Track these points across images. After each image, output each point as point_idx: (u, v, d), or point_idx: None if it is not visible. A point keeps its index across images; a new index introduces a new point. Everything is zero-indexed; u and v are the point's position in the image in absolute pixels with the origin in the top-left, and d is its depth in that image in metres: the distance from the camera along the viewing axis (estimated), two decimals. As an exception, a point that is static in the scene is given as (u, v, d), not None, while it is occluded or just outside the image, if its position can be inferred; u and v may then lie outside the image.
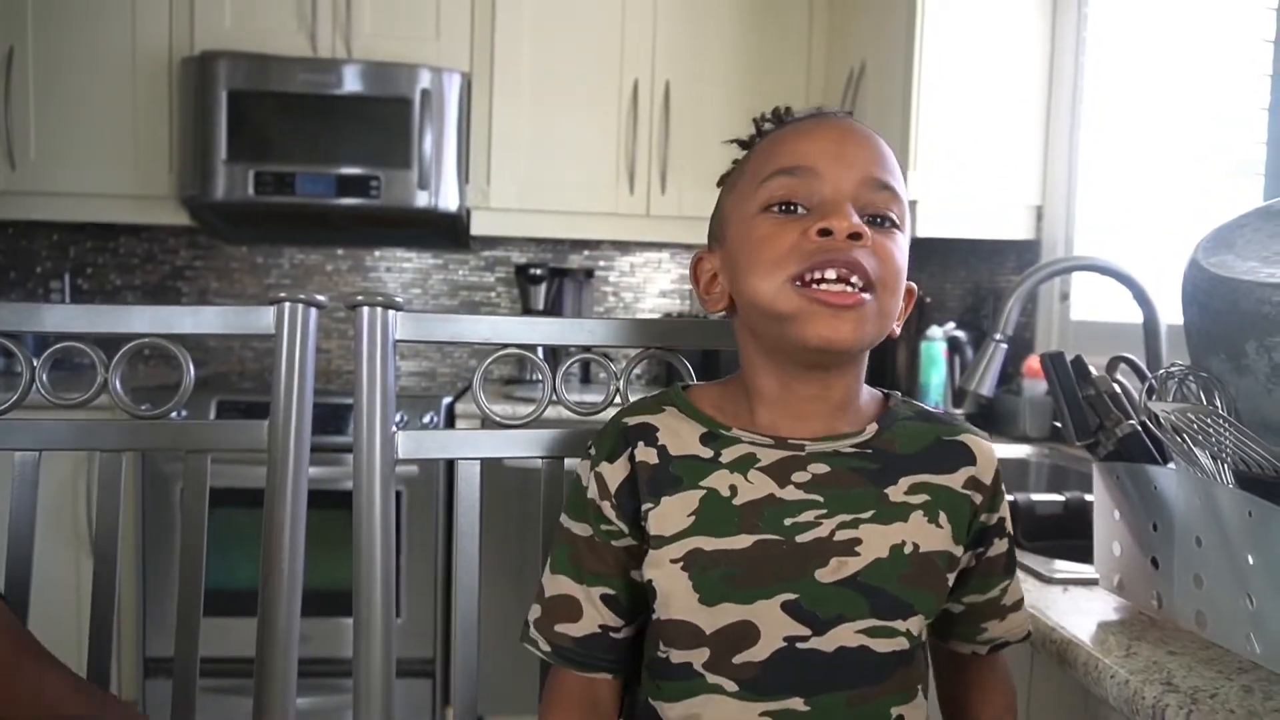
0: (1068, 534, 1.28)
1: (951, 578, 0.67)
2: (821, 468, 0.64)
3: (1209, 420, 0.69)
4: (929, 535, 0.65)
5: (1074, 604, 0.82)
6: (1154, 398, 0.77)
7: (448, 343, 0.78)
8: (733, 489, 0.64)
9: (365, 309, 0.77)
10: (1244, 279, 0.68)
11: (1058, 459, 1.62)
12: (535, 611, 0.69)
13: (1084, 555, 0.91)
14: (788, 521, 0.63)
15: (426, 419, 2.08)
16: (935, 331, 1.86)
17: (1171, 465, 0.77)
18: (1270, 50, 1.34)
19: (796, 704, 0.62)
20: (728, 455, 0.65)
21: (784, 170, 0.62)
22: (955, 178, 1.86)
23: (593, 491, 0.67)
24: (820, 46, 2.41)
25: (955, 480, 0.67)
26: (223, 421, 0.80)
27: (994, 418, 1.83)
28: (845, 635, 0.62)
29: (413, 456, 0.79)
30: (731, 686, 0.62)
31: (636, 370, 0.86)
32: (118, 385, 0.77)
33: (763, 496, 0.63)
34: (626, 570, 0.67)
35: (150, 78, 2.26)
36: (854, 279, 0.60)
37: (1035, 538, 1.27)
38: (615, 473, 0.66)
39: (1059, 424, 1.67)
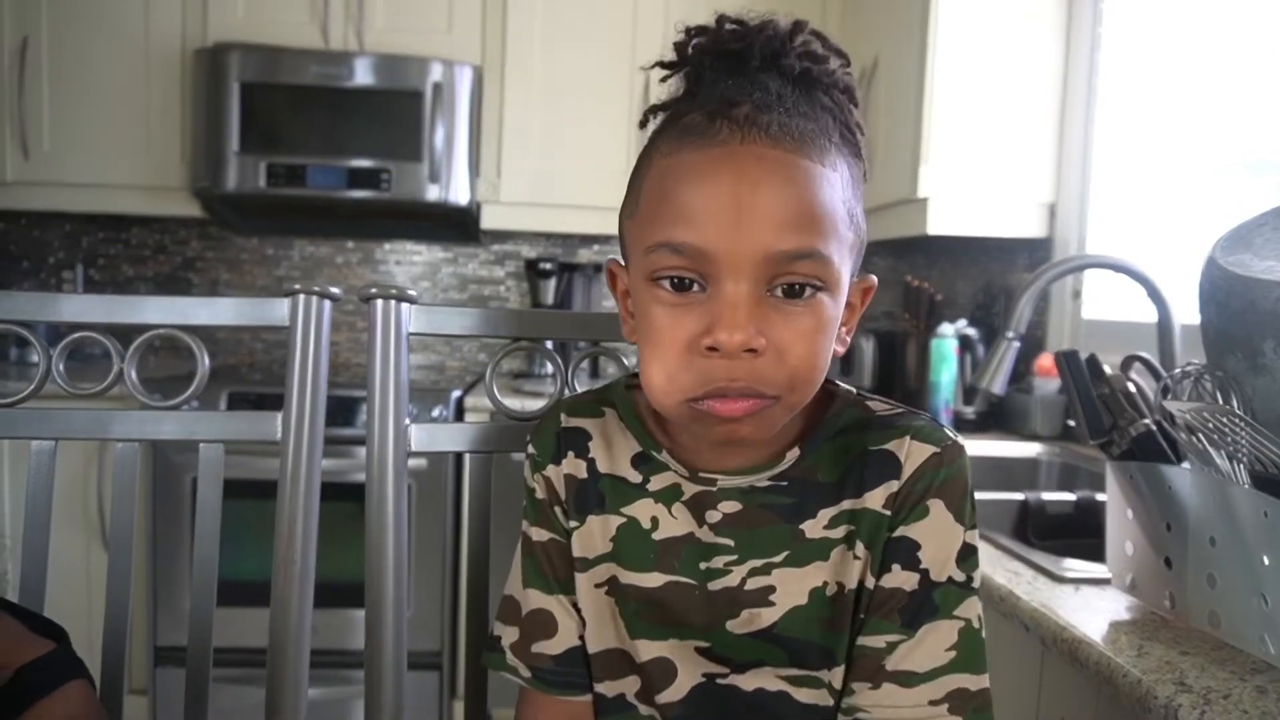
0: (1078, 533, 1.28)
1: None
2: (732, 506, 0.58)
3: (1225, 419, 0.69)
4: (852, 572, 0.57)
5: (1085, 603, 0.82)
6: (1169, 397, 0.77)
7: (461, 335, 0.77)
8: (654, 521, 0.59)
9: (379, 301, 0.77)
10: (1263, 278, 0.67)
11: (1069, 458, 1.61)
12: (511, 634, 0.63)
13: (1094, 554, 0.91)
14: (702, 566, 0.58)
15: (436, 412, 2.08)
16: (946, 329, 1.85)
17: (1186, 465, 0.77)
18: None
19: None
20: (656, 483, 0.60)
21: (668, 246, 0.51)
22: (968, 174, 1.85)
23: (542, 494, 0.63)
24: (832, 40, 2.39)
25: (875, 499, 0.57)
26: (237, 413, 0.80)
27: (1005, 416, 1.82)
28: (765, 678, 0.58)
29: (425, 449, 0.79)
30: None
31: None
32: (133, 375, 0.78)
33: (683, 535, 0.59)
34: None
35: (163, 69, 2.26)
36: (752, 390, 0.51)
37: (1046, 536, 1.26)
38: (559, 475, 0.62)
39: (1071, 423, 1.67)
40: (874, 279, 0.60)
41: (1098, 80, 1.80)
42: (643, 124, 0.58)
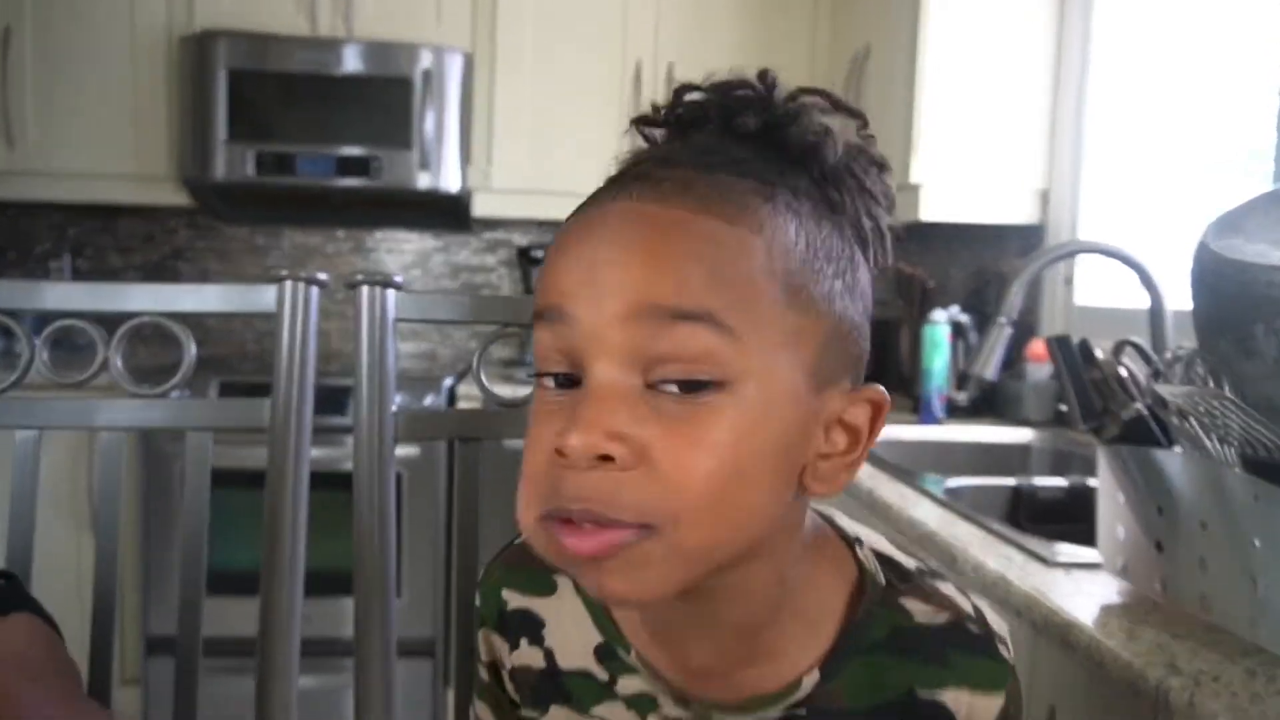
0: (1070, 518, 1.28)
1: None
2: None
3: (1216, 403, 0.69)
4: None
5: (1076, 587, 0.82)
6: (1160, 381, 0.77)
7: (448, 321, 0.76)
8: None
9: (365, 288, 0.76)
10: (1254, 262, 0.67)
11: (1060, 443, 1.61)
12: None
13: (1085, 539, 0.91)
14: None
15: (428, 400, 2.08)
16: (939, 315, 1.85)
17: (1177, 449, 0.77)
18: (1280, 32, 1.32)
19: None
20: (625, 687, 0.47)
21: (538, 314, 0.41)
22: (960, 161, 1.84)
23: (482, 652, 0.53)
24: (825, 28, 2.38)
25: None
26: (225, 400, 0.80)
27: (997, 402, 1.83)
28: None
29: (413, 437, 0.79)
30: None
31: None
32: (119, 363, 0.77)
33: None
34: None
35: (149, 56, 2.24)
36: (603, 515, 0.38)
37: (1037, 521, 1.27)
38: (506, 658, 0.52)
39: (1063, 407, 1.68)
40: (882, 391, 0.45)
41: (1090, 66, 1.80)
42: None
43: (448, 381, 2.16)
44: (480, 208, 2.38)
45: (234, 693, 1.91)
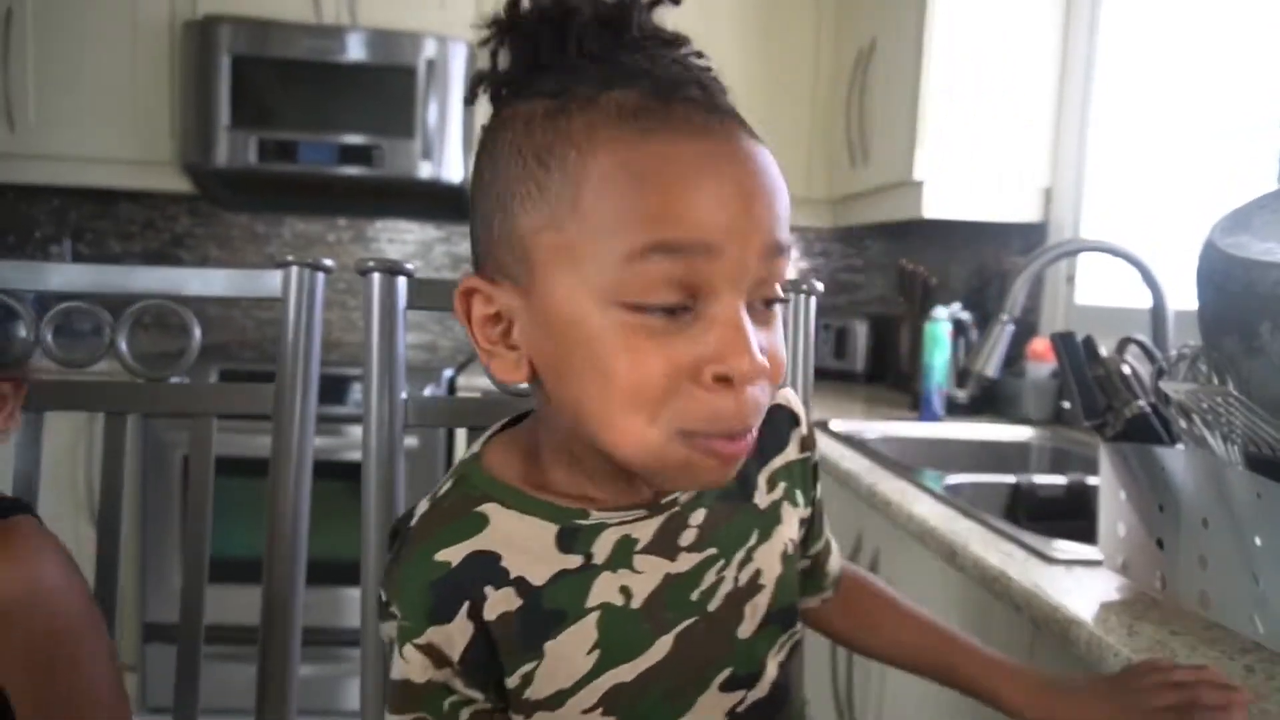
0: (1069, 515, 1.28)
1: None
2: (699, 514, 0.52)
3: (1220, 400, 0.69)
4: (794, 520, 0.58)
5: (1076, 583, 0.82)
6: (1164, 378, 0.77)
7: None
8: (625, 591, 0.49)
9: (376, 275, 0.76)
10: (1261, 260, 0.67)
11: (1060, 442, 1.62)
12: None
13: (1084, 536, 0.91)
14: (694, 596, 0.51)
15: (428, 391, 2.07)
16: (940, 312, 1.85)
17: (1180, 446, 0.77)
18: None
19: None
20: (600, 551, 0.49)
21: (664, 248, 0.41)
22: (964, 158, 1.84)
23: (412, 671, 0.47)
24: (829, 23, 2.38)
25: (793, 449, 0.59)
26: (229, 385, 0.80)
27: (997, 400, 1.83)
28: (771, 670, 0.56)
29: (421, 424, 0.79)
30: None
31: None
32: (123, 346, 0.77)
33: (659, 582, 0.50)
34: None
35: (151, 40, 2.23)
36: (756, 422, 0.46)
37: (1036, 518, 1.27)
38: (452, 637, 0.47)
39: (1066, 404, 1.68)
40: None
41: (1095, 63, 1.79)
42: (471, 99, 0.49)
43: (448, 373, 2.16)
44: (482, 198, 2.37)
45: (234, 679, 1.91)
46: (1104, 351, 0.86)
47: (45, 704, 0.61)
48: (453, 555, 0.48)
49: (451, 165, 2.24)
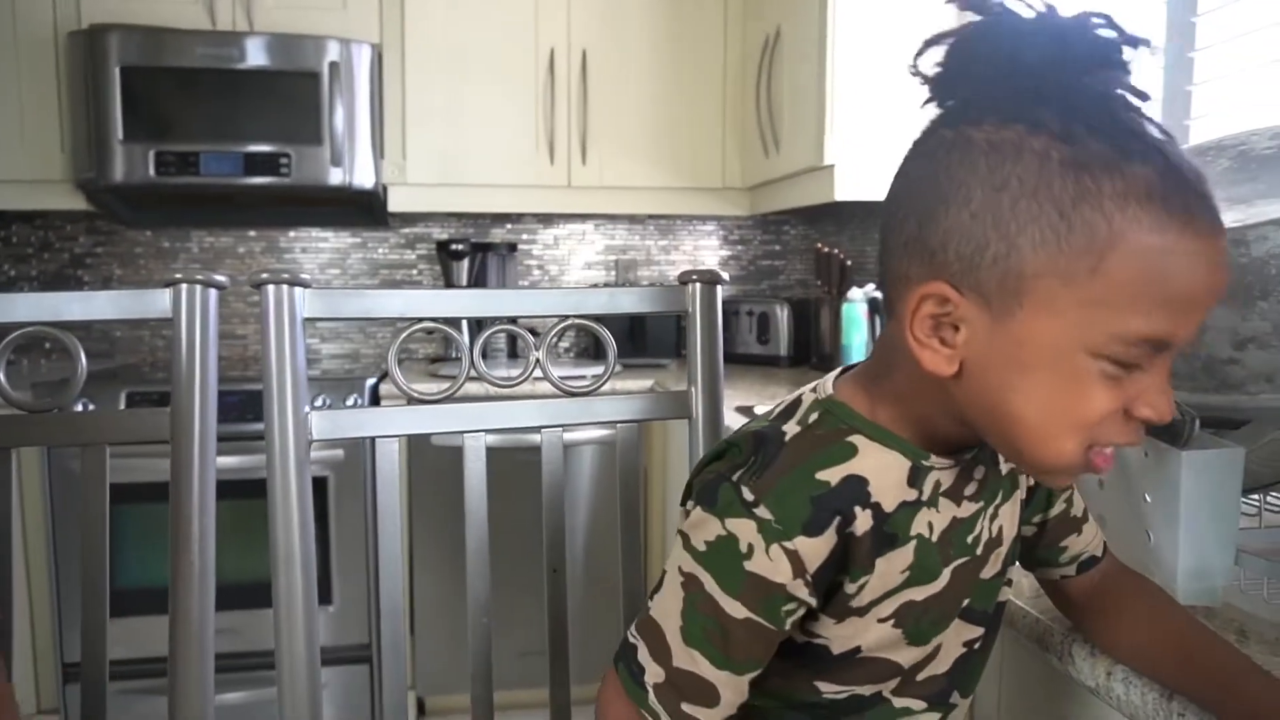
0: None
1: None
2: (980, 470, 0.60)
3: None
4: (1023, 487, 0.65)
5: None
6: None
7: (358, 319, 0.75)
8: (930, 526, 0.58)
9: (270, 287, 0.74)
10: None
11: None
12: (657, 674, 0.56)
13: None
14: (969, 539, 0.60)
15: (350, 401, 2.03)
16: (856, 293, 1.89)
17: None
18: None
19: (956, 698, 0.63)
20: (926, 490, 0.58)
21: (1153, 343, 0.48)
22: (873, 141, 1.88)
23: (771, 570, 0.53)
24: (736, 13, 2.40)
25: None
26: (121, 411, 0.76)
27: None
28: (992, 610, 0.63)
29: (328, 437, 0.77)
30: (919, 705, 0.61)
31: (564, 343, 0.85)
32: (1, 377, 0.73)
33: (949, 523, 0.59)
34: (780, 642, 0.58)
35: (34, 53, 2.13)
36: None
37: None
38: (817, 549, 0.54)
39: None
40: None
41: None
42: (920, 77, 0.59)
43: (370, 381, 2.12)
44: (396, 203, 2.33)
45: (157, 712, 1.85)
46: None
47: None
48: (832, 475, 0.55)
49: (363, 170, 2.20)
